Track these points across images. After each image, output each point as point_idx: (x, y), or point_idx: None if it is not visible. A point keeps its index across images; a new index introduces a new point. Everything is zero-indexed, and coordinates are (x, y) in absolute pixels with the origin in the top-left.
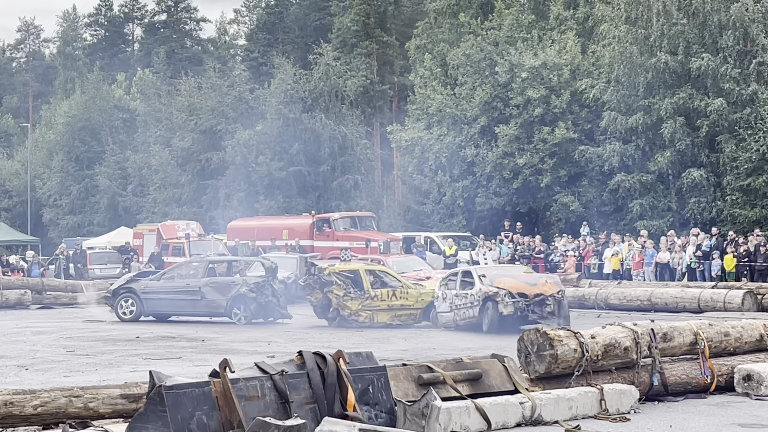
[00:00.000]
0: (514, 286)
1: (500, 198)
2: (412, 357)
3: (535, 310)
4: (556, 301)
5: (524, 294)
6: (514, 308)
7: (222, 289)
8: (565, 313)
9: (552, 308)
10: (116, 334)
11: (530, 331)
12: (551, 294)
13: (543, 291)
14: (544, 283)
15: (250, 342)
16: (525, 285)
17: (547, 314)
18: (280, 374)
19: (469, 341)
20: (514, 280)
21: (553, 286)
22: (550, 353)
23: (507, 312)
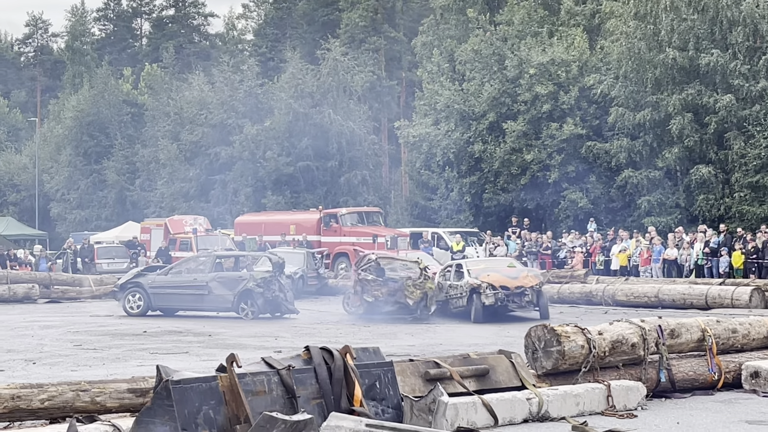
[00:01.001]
0: (497, 279)
1: (508, 194)
2: (419, 352)
3: (515, 301)
4: (535, 292)
5: (506, 287)
6: (495, 299)
7: (229, 284)
8: (544, 302)
9: (530, 298)
10: (123, 329)
11: (537, 327)
12: (531, 286)
13: (523, 283)
14: (525, 277)
15: (257, 337)
16: (507, 278)
17: (526, 304)
18: (287, 369)
19: (475, 337)
20: (498, 273)
21: (532, 279)
22: (557, 349)
23: (488, 302)
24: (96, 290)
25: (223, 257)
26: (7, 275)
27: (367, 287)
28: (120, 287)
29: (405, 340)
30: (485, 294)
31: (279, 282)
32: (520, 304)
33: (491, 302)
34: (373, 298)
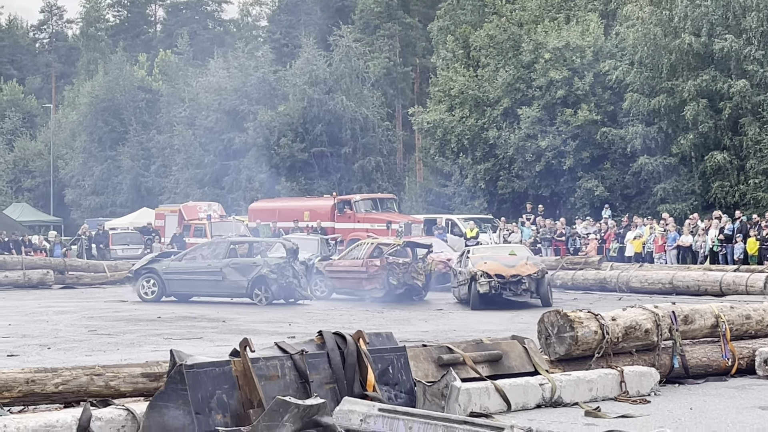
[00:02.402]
0: (493, 267)
1: (522, 180)
2: (432, 338)
3: (511, 289)
4: (534, 280)
5: (500, 275)
6: (489, 287)
7: (243, 270)
8: (544, 291)
9: (527, 286)
10: (138, 314)
11: (551, 312)
12: (528, 274)
13: (520, 272)
14: (522, 265)
15: (271, 323)
16: (503, 266)
17: (522, 292)
18: (300, 354)
19: (489, 323)
20: (495, 262)
21: (531, 267)
22: (571, 335)
23: (483, 290)
24: (111, 276)
25: (237, 243)
26: (22, 261)
27: (394, 271)
28: (134, 273)
29: (418, 326)
30: (479, 282)
31: (293, 268)
32: (516, 292)
33: (485, 290)
34: (397, 280)
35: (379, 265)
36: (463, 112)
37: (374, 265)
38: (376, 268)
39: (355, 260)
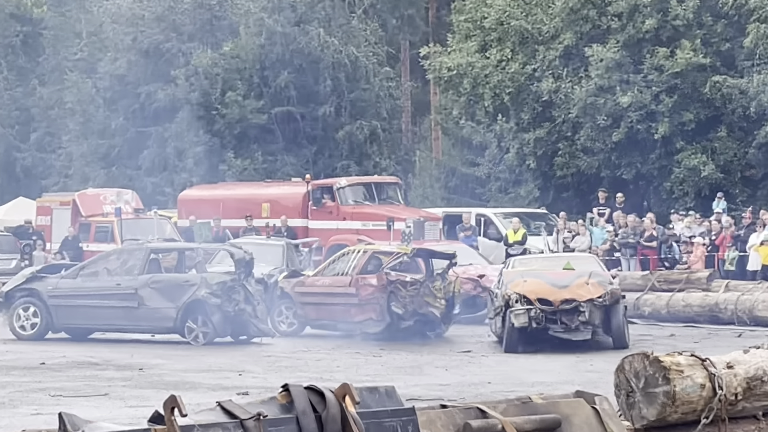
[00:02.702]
0: (535, 289)
1: (592, 156)
2: (456, 394)
3: (563, 321)
4: (598, 308)
5: (546, 300)
6: (528, 318)
7: (170, 292)
8: (617, 324)
9: (588, 318)
10: (11, 359)
11: (635, 357)
12: (589, 299)
13: (575, 295)
14: (580, 285)
15: (212, 372)
16: (549, 288)
17: (580, 325)
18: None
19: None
20: (539, 281)
21: (594, 288)
22: (665, 390)
23: (518, 324)
24: None
25: (161, 252)
26: None
27: (398, 293)
28: (6, 297)
29: (434, 376)
30: (514, 311)
31: (245, 289)
32: (569, 325)
33: (522, 323)
34: (403, 308)
35: (376, 285)
36: (503, 54)
37: (369, 285)
38: (372, 290)
39: (340, 277)
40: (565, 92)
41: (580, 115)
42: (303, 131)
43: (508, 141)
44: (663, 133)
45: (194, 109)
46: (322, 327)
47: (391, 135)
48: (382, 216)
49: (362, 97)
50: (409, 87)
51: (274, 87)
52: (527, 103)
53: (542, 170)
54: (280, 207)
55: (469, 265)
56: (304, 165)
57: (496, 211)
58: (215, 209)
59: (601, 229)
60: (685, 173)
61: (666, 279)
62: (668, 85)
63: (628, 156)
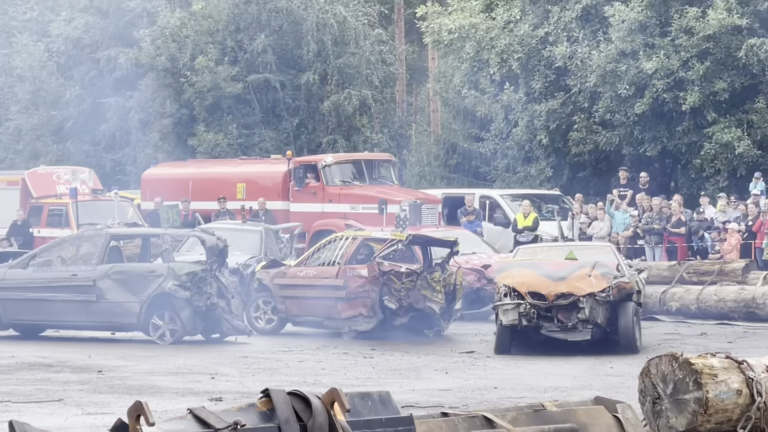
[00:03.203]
0: (526, 281)
1: (612, 130)
2: (458, 401)
3: (559, 318)
4: (600, 304)
5: (538, 294)
6: (517, 315)
7: (133, 284)
8: (625, 323)
9: (588, 315)
10: None
11: (662, 359)
12: (589, 293)
13: (573, 289)
14: (580, 277)
15: (181, 374)
16: (543, 280)
17: (578, 323)
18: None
19: (555, 375)
20: (531, 271)
21: (597, 281)
22: (696, 397)
23: (507, 321)
24: None
25: (123, 238)
26: None
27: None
28: None
29: (434, 381)
30: (503, 307)
31: (218, 281)
32: (566, 324)
33: (511, 320)
34: (397, 302)
35: (367, 276)
36: (511, 14)
37: (358, 276)
38: (362, 282)
39: (326, 267)
40: (582, 58)
41: (598, 83)
42: (283, 102)
43: (517, 113)
44: (692, 103)
45: (160, 76)
46: (305, 324)
47: (384, 106)
48: (374, 198)
49: (351, 63)
50: (403, 51)
51: (250, 51)
52: (538, 70)
53: (555, 146)
54: (258, 187)
55: (473, 254)
56: (284, 140)
57: (503, 192)
58: (184, 190)
59: (623, 213)
60: (716, 149)
61: (696, 270)
62: (699, 49)
63: (652, 130)
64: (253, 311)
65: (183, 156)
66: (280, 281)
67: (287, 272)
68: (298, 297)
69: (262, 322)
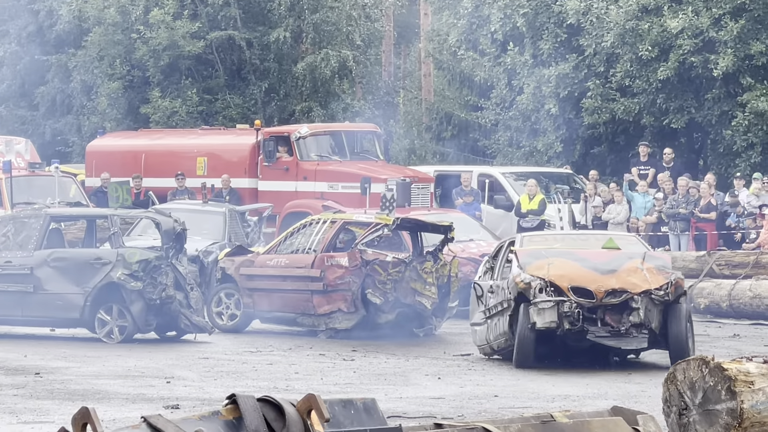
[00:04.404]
0: (569, 274)
1: (632, 98)
2: (453, 410)
3: (608, 322)
4: (656, 304)
5: (584, 289)
6: (556, 316)
7: (76, 272)
8: (678, 330)
9: (643, 317)
10: None
11: (690, 363)
12: (645, 290)
13: (626, 284)
14: (632, 270)
15: (132, 378)
16: (590, 273)
17: (632, 328)
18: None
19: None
20: (573, 263)
21: (652, 276)
22: (729, 407)
23: (542, 323)
24: None
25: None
26: None
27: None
28: None
29: (424, 387)
30: (536, 305)
31: (175, 270)
32: (618, 328)
33: (547, 322)
34: (382, 297)
35: (348, 266)
36: None
37: (337, 266)
38: (342, 272)
39: (300, 255)
40: (598, 14)
41: (616, 44)
42: (250, 63)
43: (522, 78)
44: (725, 68)
45: (109, 32)
46: (275, 321)
47: (368, 69)
48: (356, 175)
49: (329, 18)
50: (391, 6)
51: (211, 4)
52: (547, 28)
53: (566, 117)
54: (221, 162)
55: (470, 241)
56: (252, 107)
57: (505, 170)
58: (135, 164)
59: (644, 195)
60: (750, 119)
61: (728, 262)
62: (732, 5)
63: (678, 98)
64: (215, 305)
65: (134, 125)
66: (247, 271)
67: (255, 261)
68: (267, 289)
69: (226, 318)
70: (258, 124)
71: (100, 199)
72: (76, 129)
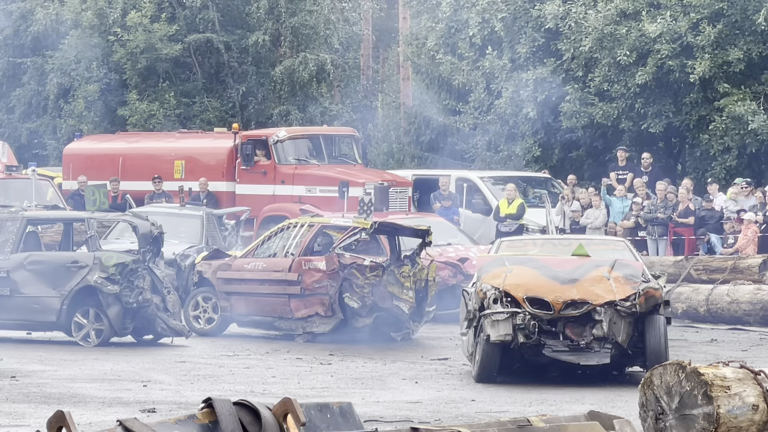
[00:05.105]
0: (524, 283)
1: (610, 103)
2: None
3: (568, 335)
4: (623, 317)
5: (541, 300)
6: (511, 329)
7: (53, 275)
8: (655, 343)
9: (607, 330)
10: None
11: (666, 368)
12: (608, 302)
13: (588, 295)
14: (597, 280)
15: (108, 381)
16: (548, 282)
17: (594, 342)
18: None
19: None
20: (532, 271)
21: (619, 285)
22: (705, 412)
23: (496, 336)
24: None
25: (42, 222)
26: None
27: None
28: None
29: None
30: (491, 317)
31: (152, 273)
32: (577, 342)
33: (500, 335)
34: (359, 301)
35: (325, 270)
36: None
37: (315, 270)
38: (319, 276)
39: (278, 259)
40: (576, 19)
41: (594, 48)
42: (228, 66)
43: (501, 82)
44: (702, 73)
45: (86, 34)
46: (252, 325)
47: (346, 73)
48: (333, 179)
49: (307, 21)
50: (369, 9)
51: (190, 7)
52: (526, 32)
53: (544, 121)
54: (199, 166)
55: (448, 245)
56: (229, 111)
57: (484, 174)
58: (113, 167)
59: (621, 200)
60: (727, 124)
61: (706, 267)
62: (710, 10)
63: (656, 103)
64: (192, 309)
65: (112, 128)
66: (224, 275)
67: (232, 264)
68: (244, 293)
69: (203, 322)
70: (236, 127)
71: (77, 202)
72: (53, 132)
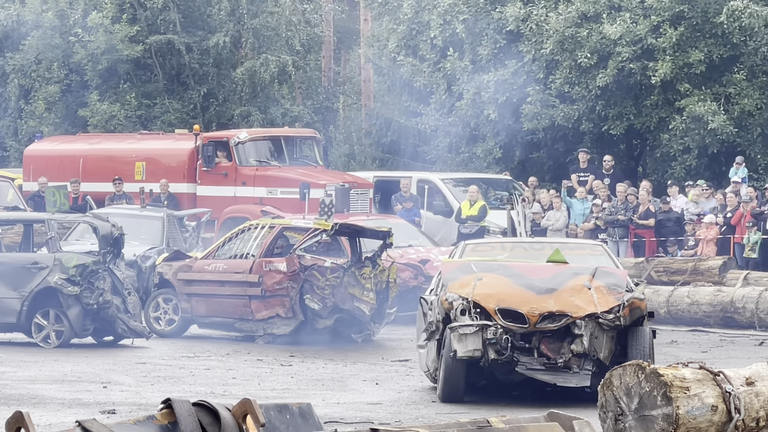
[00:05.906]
0: (497, 293)
1: (571, 106)
2: (390, 416)
3: (544, 352)
4: (604, 330)
5: (515, 312)
6: (480, 344)
7: (12, 276)
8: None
9: (587, 347)
10: None
11: (626, 368)
12: (590, 314)
13: (565, 307)
14: (576, 290)
15: (68, 382)
16: (522, 292)
17: (571, 360)
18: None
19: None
20: (505, 280)
21: (600, 296)
22: (665, 413)
23: (464, 352)
24: None
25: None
26: None
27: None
28: None
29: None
30: (458, 330)
31: (112, 274)
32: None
33: (468, 350)
34: (320, 302)
35: (286, 272)
36: None
37: (275, 272)
38: (280, 278)
39: (238, 261)
40: (537, 21)
41: (555, 50)
42: (189, 67)
43: (462, 84)
44: (663, 75)
45: (46, 35)
46: (212, 326)
47: (307, 74)
48: (294, 181)
49: (268, 23)
50: (331, 11)
51: (151, 8)
52: (487, 34)
53: (505, 123)
54: (160, 167)
55: (409, 247)
56: (190, 112)
57: (445, 176)
58: (73, 169)
59: (582, 201)
60: (687, 124)
61: (666, 268)
62: (671, 13)
63: (617, 105)
64: (153, 310)
65: (72, 129)
66: (185, 276)
67: (193, 266)
68: (205, 294)
69: (163, 324)
70: (197, 129)
71: (38, 203)
72: (13, 133)
